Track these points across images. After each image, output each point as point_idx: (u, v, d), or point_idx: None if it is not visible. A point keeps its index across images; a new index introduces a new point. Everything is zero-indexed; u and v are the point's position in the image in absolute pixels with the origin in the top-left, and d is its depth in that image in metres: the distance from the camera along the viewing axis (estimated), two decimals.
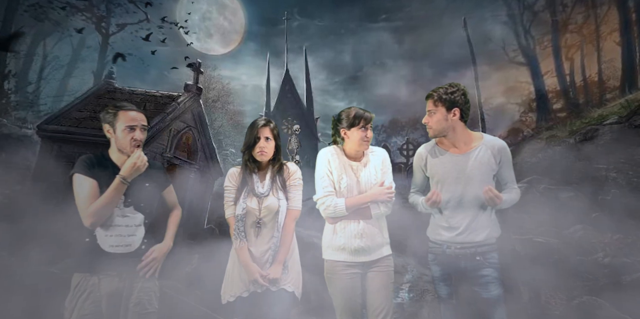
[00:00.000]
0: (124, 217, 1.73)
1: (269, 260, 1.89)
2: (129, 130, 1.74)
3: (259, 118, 2.03)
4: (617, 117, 5.00)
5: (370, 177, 1.98)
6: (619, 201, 3.89)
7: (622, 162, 4.10)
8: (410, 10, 11.12)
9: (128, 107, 1.78)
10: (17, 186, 4.27)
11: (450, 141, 2.00)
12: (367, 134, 1.96)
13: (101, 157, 1.78)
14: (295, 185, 2.02)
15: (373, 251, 1.91)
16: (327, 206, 1.90)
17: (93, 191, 1.66)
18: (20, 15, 4.47)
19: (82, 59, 4.99)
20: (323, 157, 2.04)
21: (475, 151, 1.94)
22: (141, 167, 1.69)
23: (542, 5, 5.66)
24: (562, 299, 3.12)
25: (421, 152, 2.12)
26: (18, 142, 4.34)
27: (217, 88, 12.98)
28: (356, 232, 1.89)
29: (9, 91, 4.46)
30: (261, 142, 1.93)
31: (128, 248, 1.73)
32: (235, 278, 1.88)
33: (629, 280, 3.12)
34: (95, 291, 1.66)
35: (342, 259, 1.90)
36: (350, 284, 1.88)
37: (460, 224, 1.90)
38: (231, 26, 6.46)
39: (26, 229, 3.36)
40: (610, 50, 5.02)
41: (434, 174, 2.00)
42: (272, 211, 1.91)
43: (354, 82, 12.84)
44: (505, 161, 1.95)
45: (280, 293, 1.86)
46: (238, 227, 1.89)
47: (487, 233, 1.89)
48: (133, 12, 5.19)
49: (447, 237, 1.91)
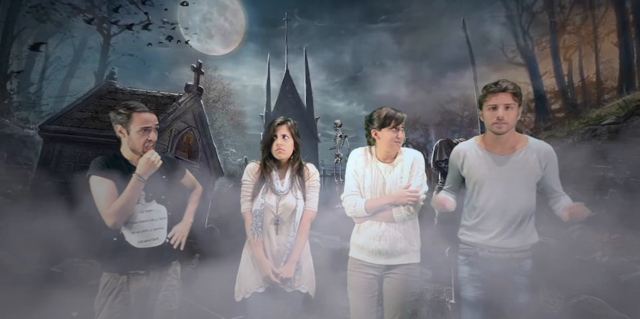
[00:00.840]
0: (147, 212, 1.74)
1: (283, 258, 1.88)
2: (143, 131, 1.72)
3: (278, 117, 2.00)
4: (614, 117, 5.00)
5: (397, 180, 1.91)
6: (617, 201, 3.89)
7: (620, 162, 4.11)
8: (410, 11, 11.12)
9: (140, 108, 1.76)
10: (19, 185, 4.27)
11: (497, 141, 1.87)
12: (397, 134, 1.88)
13: (114, 157, 1.77)
14: (314, 186, 2.01)
15: (392, 256, 1.85)
16: (349, 205, 1.89)
17: (111, 191, 1.65)
18: (23, 17, 4.47)
19: (83, 60, 4.99)
20: (352, 157, 2.01)
21: (519, 153, 1.83)
22: (155, 163, 1.69)
23: (540, 6, 5.67)
24: (561, 298, 3.13)
25: (459, 150, 1.99)
26: (20, 142, 4.34)
27: (217, 88, 12.96)
28: (376, 234, 1.86)
29: (11, 91, 4.45)
30: (278, 139, 1.91)
31: (156, 242, 1.75)
32: (248, 274, 1.87)
33: (626, 279, 3.12)
34: (124, 290, 1.67)
35: (361, 258, 1.88)
36: (365, 284, 1.86)
37: (495, 227, 1.80)
38: (232, 27, 6.46)
39: (28, 229, 3.36)
40: (608, 51, 5.01)
41: (472, 174, 1.90)
42: (290, 210, 1.90)
43: (354, 82, 12.83)
44: (551, 167, 1.83)
45: (295, 294, 1.86)
46: (255, 223, 1.87)
47: (523, 239, 1.79)
48: (134, 13, 5.19)
49: (480, 239, 1.84)
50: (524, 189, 1.79)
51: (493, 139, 1.87)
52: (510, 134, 1.85)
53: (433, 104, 13.37)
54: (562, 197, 1.85)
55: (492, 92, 1.79)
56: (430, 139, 14.68)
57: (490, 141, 1.89)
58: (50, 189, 4.08)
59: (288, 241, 1.89)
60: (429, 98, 13.06)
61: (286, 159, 1.97)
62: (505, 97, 1.76)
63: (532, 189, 1.82)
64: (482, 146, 1.93)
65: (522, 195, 1.79)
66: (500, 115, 1.76)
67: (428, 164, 2.52)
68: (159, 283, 1.77)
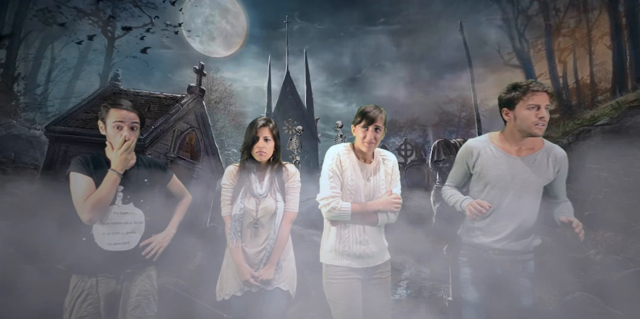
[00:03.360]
0: (122, 215, 1.68)
1: (262, 260, 1.84)
2: (117, 128, 1.68)
3: (259, 117, 1.91)
4: (608, 118, 5.01)
5: (379, 183, 1.81)
6: (611, 200, 3.90)
7: (613, 162, 4.11)
8: (408, 14, 11.13)
9: (121, 105, 1.71)
10: (26, 184, 4.28)
11: (520, 142, 1.75)
12: (366, 135, 1.74)
13: (97, 156, 1.72)
14: (294, 187, 1.94)
15: (376, 257, 1.78)
16: (332, 208, 1.72)
17: (89, 187, 1.61)
18: (30, 20, 4.49)
19: (88, 62, 5.01)
20: (334, 154, 1.83)
21: (534, 156, 1.74)
22: (128, 157, 1.65)
23: (535, 9, 5.68)
24: (555, 295, 3.13)
25: (472, 147, 1.85)
26: (27, 142, 4.36)
27: (219, 90, 12.99)
28: (361, 239, 1.75)
29: (18, 93, 4.48)
30: (260, 142, 1.84)
31: (126, 246, 1.67)
32: (229, 276, 1.83)
33: (619, 276, 3.13)
34: (93, 293, 1.61)
35: (345, 264, 1.75)
36: (355, 289, 1.74)
37: (503, 230, 1.72)
38: (233, 29, 6.47)
39: (34, 227, 3.38)
40: (602, 54, 5.03)
41: (484, 174, 1.78)
42: (270, 213, 1.85)
43: (353, 83, 12.83)
44: (563, 172, 1.74)
45: (275, 292, 1.82)
46: (234, 227, 1.83)
47: (528, 243, 1.73)
48: (138, 16, 5.20)
49: (485, 241, 1.75)
50: (535, 193, 1.72)
51: (516, 139, 1.75)
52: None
53: (431, 105, 13.38)
54: (565, 204, 1.79)
55: (534, 91, 1.65)
56: (428, 139, 14.69)
57: (512, 140, 1.77)
58: (55, 188, 4.09)
59: (268, 244, 1.84)
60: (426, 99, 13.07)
61: (266, 161, 1.91)
62: (547, 97, 1.66)
63: (541, 192, 1.74)
64: (498, 145, 1.80)
65: (533, 199, 1.72)
66: (544, 115, 1.65)
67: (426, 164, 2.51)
68: (130, 286, 1.69)
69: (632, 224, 3.58)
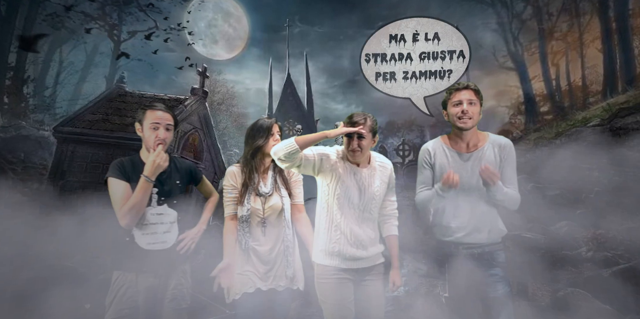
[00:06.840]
0: (158, 216, 1.72)
1: (277, 257, 1.81)
2: (153, 129, 1.71)
3: (261, 118, 1.90)
4: (599, 119, 5.03)
5: (374, 190, 1.74)
6: (601, 198, 3.92)
7: (604, 162, 4.14)
8: (406, 17, 11.15)
9: (156, 107, 1.76)
10: (35, 184, 4.31)
11: (462, 138, 1.85)
12: (351, 143, 1.67)
13: (133, 159, 1.76)
14: (297, 181, 1.95)
15: (367, 260, 1.74)
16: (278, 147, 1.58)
17: (126, 193, 1.64)
18: (39, 24, 4.50)
19: (95, 65, 5.01)
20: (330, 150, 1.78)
21: (482, 150, 1.82)
22: (162, 164, 1.66)
23: (529, 14, 5.70)
24: (548, 291, 3.16)
25: (427, 149, 1.94)
26: (36, 143, 4.37)
27: (222, 91, 12.96)
28: (352, 241, 1.69)
29: (27, 95, 4.49)
30: (271, 141, 1.85)
31: (164, 245, 1.73)
32: (237, 275, 1.81)
33: (609, 273, 3.16)
34: (133, 287, 1.66)
35: (335, 264, 1.71)
36: (342, 289, 1.69)
37: (467, 224, 1.78)
38: (235, 33, 6.49)
39: (43, 225, 3.40)
40: (593, 57, 5.05)
41: (441, 172, 1.84)
42: (276, 210, 1.84)
43: (353, 85, 12.88)
44: (507, 159, 1.79)
45: (287, 292, 1.82)
46: (242, 229, 1.79)
47: (493, 233, 1.78)
48: (143, 20, 5.22)
49: (454, 238, 1.81)
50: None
51: (458, 136, 1.86)
52: (474, 131, 1.84)
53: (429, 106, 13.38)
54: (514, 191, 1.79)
55: (458, 90, 1.81)
56: (425, 140, 14.65)
57: (457, 138, 1.87)
58: (63, 187, 4.11)
59: (279, 241, 1.82)
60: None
61: (270, 159, 1.90)
62: (468, 93, 1.78)
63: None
64: (448, 144, 1.90)
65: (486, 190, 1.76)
66: (465, 109, 1.75)
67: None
68: (167, 281, 1.76)
69: (622, 222, 3.61)
